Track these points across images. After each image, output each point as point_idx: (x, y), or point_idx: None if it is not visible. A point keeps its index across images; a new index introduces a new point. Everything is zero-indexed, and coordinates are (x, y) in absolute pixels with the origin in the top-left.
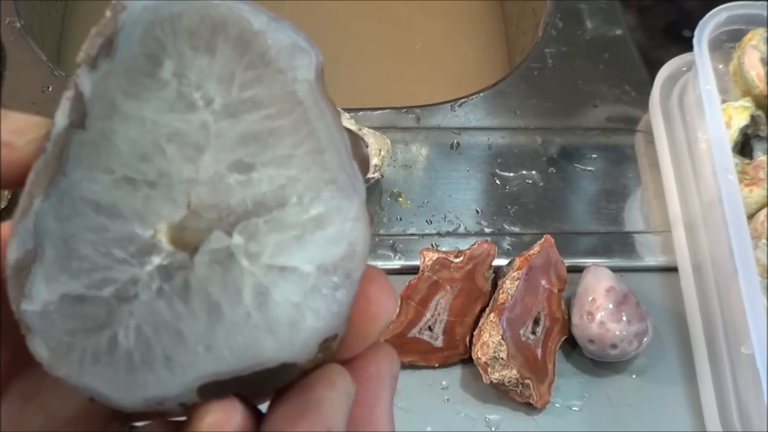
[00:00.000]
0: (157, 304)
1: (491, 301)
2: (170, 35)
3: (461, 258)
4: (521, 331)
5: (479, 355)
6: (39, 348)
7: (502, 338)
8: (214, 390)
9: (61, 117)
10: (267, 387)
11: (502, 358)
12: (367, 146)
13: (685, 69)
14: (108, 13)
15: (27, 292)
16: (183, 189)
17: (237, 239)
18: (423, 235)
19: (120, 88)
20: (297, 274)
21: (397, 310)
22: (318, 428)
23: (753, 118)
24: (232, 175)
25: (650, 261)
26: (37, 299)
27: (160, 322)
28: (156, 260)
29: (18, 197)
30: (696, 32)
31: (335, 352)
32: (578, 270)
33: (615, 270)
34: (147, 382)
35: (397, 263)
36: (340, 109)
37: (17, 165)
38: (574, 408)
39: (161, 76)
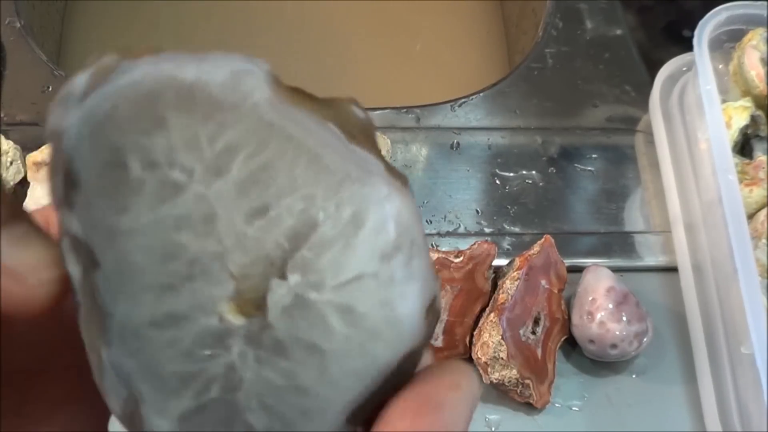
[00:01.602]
0: (264, 374)
1: (491, 301)
2: (117, 133)
3: (461, 258)
4: (521, 331)
5: (479, 355)
6: None
7: (502, 338)
8: (359, 412)
9: (74, 267)
10: (402, 380)
11: (502, 358)
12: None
13: (685, 69)
14: (49, 147)
15: None
16: (218, 265)
17: (294, 279)
18: None
19: (106, 210)
20: (366, 278)
21: None
22: (438, 430)
23: (753, 118)
24: (252, 226)
25: (650, 261)
26: None
27: (277, 388)
28: (237, 339)
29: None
30: (696, 32)
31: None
32: (578, 270)
33: (615, 270)
34: None
35: None
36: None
37: (30, 302)
38: (574, 408)
39: (134, 176)
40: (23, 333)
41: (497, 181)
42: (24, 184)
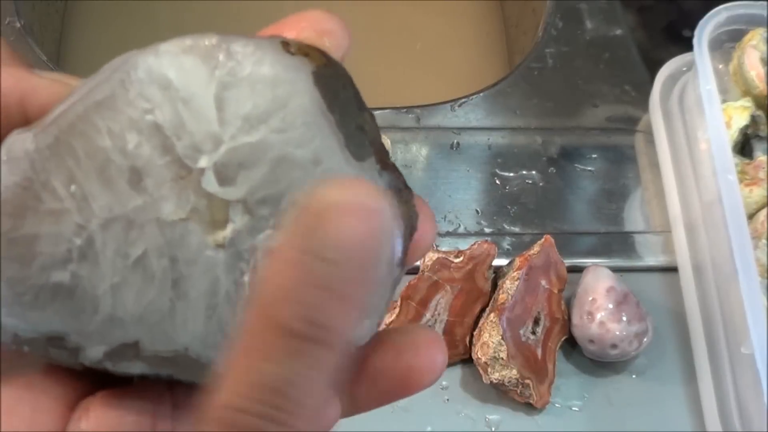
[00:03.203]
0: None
1: (491, 301)
2: None
3: (461, 258)
4: (521, 331)
5: (479, 355)
6: None
7: (502, 338)
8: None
9: (131, 366)
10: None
11: (502, 358)
12: None
13: (685, 69)
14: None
15: None
16: (170, 231)
17: (203, 162)
18: None
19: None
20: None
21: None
22: None
23: (753, 118)
24: (138, 193)
25: (650, 261)
26: None
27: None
28: (243, 236)
29: None
30: (696, 32)
31: (299, 43)
32: (578, 270)
33: (615, 270)
34: None
35: None
36: None
37: None
38: (574, 408)
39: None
40: None
41: (497, 181)
42: None
